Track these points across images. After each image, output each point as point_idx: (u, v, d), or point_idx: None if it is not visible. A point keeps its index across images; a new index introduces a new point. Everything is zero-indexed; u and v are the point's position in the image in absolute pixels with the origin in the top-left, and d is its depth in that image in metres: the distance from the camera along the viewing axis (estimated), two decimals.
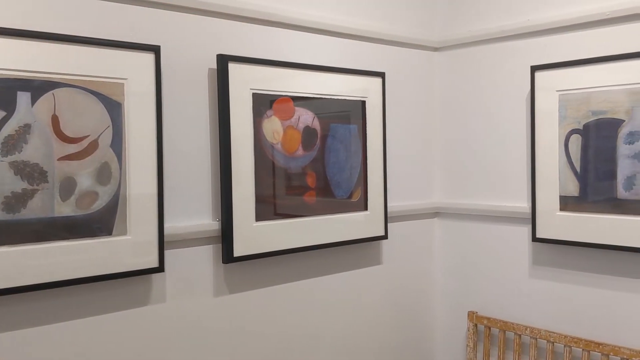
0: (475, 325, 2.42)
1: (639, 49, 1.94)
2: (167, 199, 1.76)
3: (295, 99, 2.02)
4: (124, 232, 1.65)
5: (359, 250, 2.30)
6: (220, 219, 1.86)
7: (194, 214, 1.84)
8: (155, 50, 1.69)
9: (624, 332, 2.04)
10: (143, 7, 1.71)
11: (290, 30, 2.07)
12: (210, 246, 1.87)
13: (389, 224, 2.40)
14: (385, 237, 2.34)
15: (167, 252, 1.76)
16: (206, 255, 1.86)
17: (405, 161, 2.50)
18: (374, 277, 2.37)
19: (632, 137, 1.94)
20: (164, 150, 1.75)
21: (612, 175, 1.99)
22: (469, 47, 2.48)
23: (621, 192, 1.97)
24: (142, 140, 1.67)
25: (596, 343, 2.05)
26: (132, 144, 1.65)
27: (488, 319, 2.37)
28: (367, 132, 2.26)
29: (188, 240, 1.82)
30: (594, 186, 2.04)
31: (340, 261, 2.24)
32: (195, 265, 1.84)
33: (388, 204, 2.38)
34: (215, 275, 1.89)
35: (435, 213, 2.62)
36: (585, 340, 2.08)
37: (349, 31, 2.24)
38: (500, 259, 2.39)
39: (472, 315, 2.43)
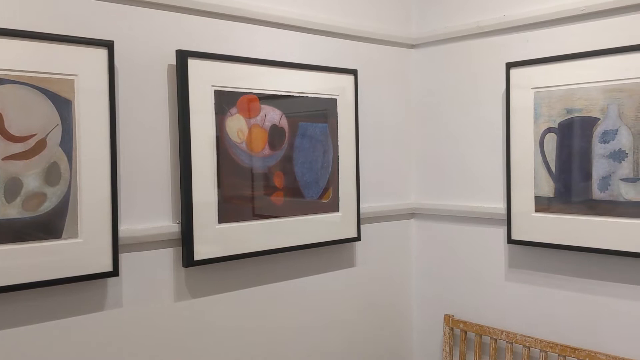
0: (452, 329, 2.36)
1: (613, 45, 1.87)
2: (123, 200, 1.70)
3: (262, 96, 1.95)
4: (74, 235, 1.58)
5: (331, 252, 2.24)
6: (180, 221, 1.79)
7: (153, 216, 1.77)
8: (108, 45, 1.62)
9: (600, 337, 1.98)
10: (95, 0, 1.64)
11: (258, 26, 2.00)
12: (171, 249, 1.80)
13: (363, 226, 2.34)
14: (358, 239, 2.27)
15: (123, 256, 1.70)
16: (166, 259, 1.80)
17: (381, 161, 2.43)
18: (347, 280, 2.31)
19: (607, 136, 1.88)
20: (120, 150, 1.69)
21: (587, 175, 1.93)
22: (445, 43, 2.42)
23: (596, 193, 1.91)
24: (95, 139, 1.60)
25: (572, 348, 1.99)
26: (83, 143, 1.58)
27: (464, 322, 2.31)
28: (339, 131, 2.20)
29: (146, 243, 1.75)
30: (569, 187, 1.98)
31: (310, 264, 2.17)
32: (154, 269, 1.77)
33: (362, 205, 2.32)
34: (176, 279, 1.82)
35: (412, 214, 2.56)
36: (561, 345, 2.02)
37: (321, 27, 2.17)
38: (476, 261, 2.33)
39: (448, 318, 2.37)
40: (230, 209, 1.88)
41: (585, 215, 1.94)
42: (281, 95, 2.01)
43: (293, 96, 2.04)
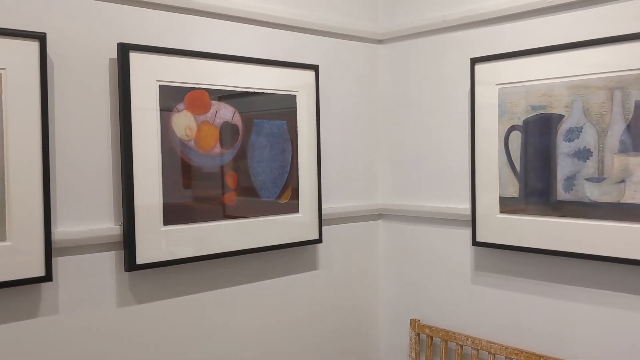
0: (418, 334, 2.28)
1: (578, 39, 1.79)
2: (60, 201, 1.61)
3: (213, 92, 1.86)
4: (2, 238, 1.49)
5: (291, 255, 2.15)
6: (122, 223, 1.71)
7: (93, 217, 1.68)
8: (40, 37, 1.53)
9: (566, 343, 1.90)
10: None
11: (212, 20, 1.91)
12: (112, 252, 1.72)
13: (327, 227, 2.25)
14: (319, 240, 2.18)
15: (59, 259, 1.61)
16: (108, 263, 1.71)
17: (347, 160, 2.35)
18: (309, 284, 2.22)
19: (571, 134, 1.80)
20: (56, 148, 1.60)
21: (551, 175, 1.85)
22: (412, 39, 2.33)
23: (561, 193, 1.83)
24: (25, 137, 1.51)
25: (537, 355, 1.91)
26: (12, 141, 1.49)
27: (430, 327, 2.23)
28: (299, 129, 2.11)
29: (85, 247, 1.66)
30: (534, 187, 1.89)
31: (268, 267, 2.09)
32: (93, 273, 1.68)
33: (325, 206, 2.23)
34: (118, 284, 1.73)
35: (380, 215, 2.48)
36: (526, 352, 1.94)
37: (280, 21, 2.08)
38: (443, 264, 2.25)
39: (414, 323, 2.29)
40: (177, 210, 1.79)
41: (550, 217, 1.86)
42: (234, 91, 1.92)
43: (248, 92, 1.96)
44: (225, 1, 1.93)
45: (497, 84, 1.97)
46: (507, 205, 1.97)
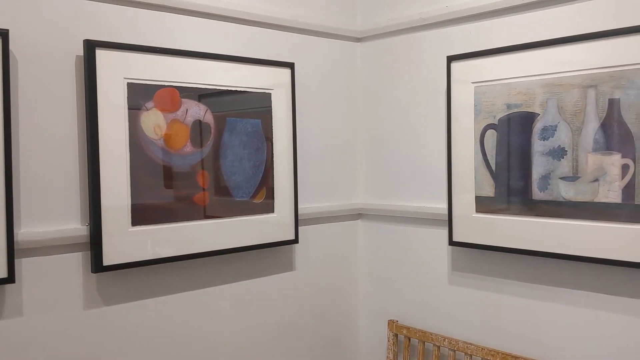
0: (396, 335, 2.25)
1: (553, 36, 1.77)
2: (24, 201, 1.58)
3: (183, 90, 1.83)
4: None
5: (266, 256, 2.12)
6: (89, 223, 1.67)
7: (59, 218, 1.65)
8: (2, 34, 1.50)
9: (542, 344, 1.88)
10: None
11: (180, 15, 1.88)
12: (79, 254, 1.68)
13: (305, 227, 2.23)
14: (295, 241, 2.16)
15: (22, 261, 1.58)
16: (74, 264, 1.68)
17: (325, 160, 2.32)
18: (285, 285, 2.19)
19: (546, 133, 1.77)
20: (20, 148, 1.57)
21: (527, 174, 1.83)
22: (390, 36, 2.31)
23: (536, 193, 1.81)
24: None
25: (513, 356, 1.89)
26: None
27: (407, 328, 2.20)
28: (274, 127, 2.08)
29: (51, 248, 1.63)
30: (509, 186, 1.87)
31: (242, 268, 2.06)
32: (59, 275, 1.65)
33: (303, 205, 2.21)
34: (85, 286, 1.70)
35: (359, 215, 2.45)
36: (502, 353, 1.92)
37: (254, 17, 2.05)
38: (421, 264, 2.23)
39: (392, 324, 2.26)
40: (146, 210, 1.76)
41: (525, 217, 1.84)
42: (206, 89, 1.89)
43: (220, 90, 1.93)
44: None
45: (472, 82, 1.95)
46: (483, 205, 1.94)
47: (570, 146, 1.72)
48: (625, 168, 1.62)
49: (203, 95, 1.88)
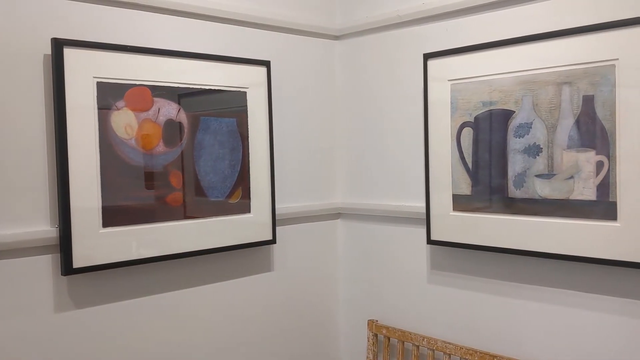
0: (375, 335, 2.24)
1: (528, 33, 1.76)
2: None
3: (155, 88, 1.81)
4: None
5: (242, 256, 2.10)
6: (58, 225, 1.64)
7: (27, 219, 1.61)
8: None
9: (520, 343, 1.87)
10: None
11: (152, 13, 1.86)
12: (49, 256, 1.65)
13: (283, 227, 2.21)
14: (273, 241, 2.13)
15: None
16: (44, 266, 1.65)
17: (303, 159, 2.30)
18: (263, 286, 2.17)
19: (521, 130, 1.76)
20: None
21: (502, 172, 1.81)
22: (368, 34, 2.29)
23: (512, 190, 1.80)
24: None
25: (491, 355, 1.88)
26: None
27: (387, 328, 2.19)
28: (250, 126, 2.06)
29: (18, 250, 1.60)
30: (486, 184, 1.86)
31: (218, 269, 2.03)
32: (28, 277, 1.62)
33: (281, 205, 2.19)
34: (56, 289, 1.67)
35: (338, 214, 2.43)
36: (480, 352, 1.90)
37: (228, 15, 2.03)
38: (401, 263, 2.21)
39: (371, 324, 2.25)
40: (118, 211, 1.73)
41: (502, 215, 1.82)
42: (179, 88, 1.86)
43: (193, 89, 1.90)
44: None
45: (449, 80, 1.94)
46: (460, 203, 1.93)
47: (545, 143, 1.71)
48: (599, 165, 1.61)
49: (176, 94, 1.85)
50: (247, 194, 2.05)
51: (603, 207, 1.61)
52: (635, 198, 1.55)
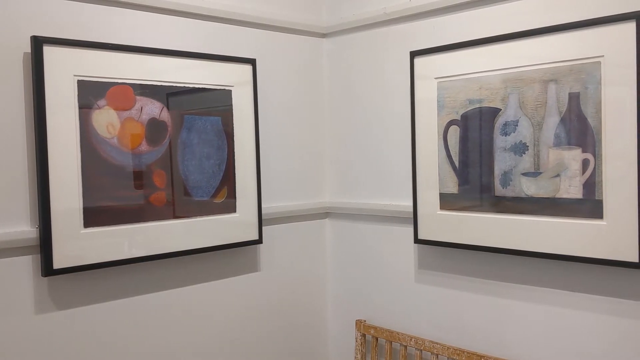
0: (364, 335, 2.22)
1: (514, 30, 1.74)
2: None
3: (137, 87, 1.78)
4: None
5: (228, 256, 2.08)
6: (38, 225, 1.62)
7: (7, 220, 1.59)
8: None
9: (507, 342, 1.85)
10: None
11: (134, 11, 1.83)
12: (29, 257, 1.63)
13: (271, 227, 2.19)
14: (259, 241, 2.11)
15: None
16: (23, 267, 1.62)
17: (291, 158, 2.28)
18: (249, 286, 2.15)
19: (507, 128, 1.75)
20: None
21: (489, 170, 1.80)
22: (355, 32, 2.27)
23: (499, 189, 1.78)
24: None
25: (478, 355, 1.86)
26: None
27: (375, 328, 2.17)
28: (235, 125, 2.04)
29: None
30: (472, 183, 1.85)
31: (203, 270, 2.01)
32: (8, 278, 1.60)
33: (268, 205, 2.17)
34: (36, 290, 1.64)
35: (327, 213, 2.41)
36: (468, 352, 1.89)
37: (213, 12, 2.00)
38: (388, 262, 2.20)
39: (359, 324, 2.23)
40: (100, 211, 1.71)
41: (488, 213, 1.81)
42: (162, 86, 1.84)
43: (177, 87, 1.88)
44: None
45: (435, 78, 1.92)
46: (447, 202, 1.92)
47: (531, 141, 1.70)
48: (585, 163, 1.60)
49: (159, 92, 1.83)
50: (232, 194, 2.03)
51: (589, 205, 1.59)
52: (621, 196, 1.54)
